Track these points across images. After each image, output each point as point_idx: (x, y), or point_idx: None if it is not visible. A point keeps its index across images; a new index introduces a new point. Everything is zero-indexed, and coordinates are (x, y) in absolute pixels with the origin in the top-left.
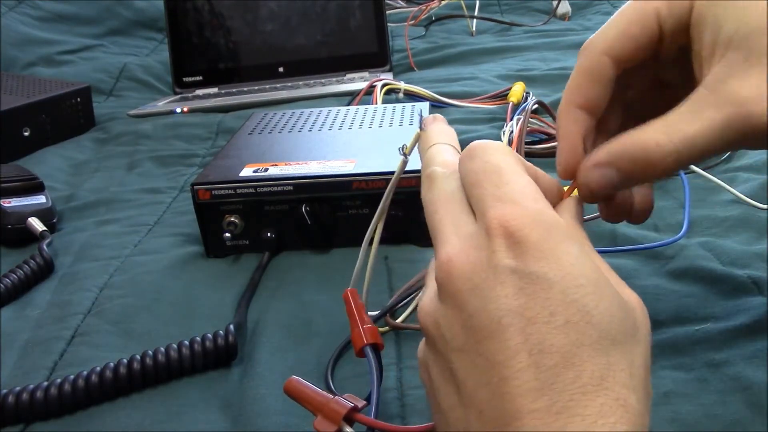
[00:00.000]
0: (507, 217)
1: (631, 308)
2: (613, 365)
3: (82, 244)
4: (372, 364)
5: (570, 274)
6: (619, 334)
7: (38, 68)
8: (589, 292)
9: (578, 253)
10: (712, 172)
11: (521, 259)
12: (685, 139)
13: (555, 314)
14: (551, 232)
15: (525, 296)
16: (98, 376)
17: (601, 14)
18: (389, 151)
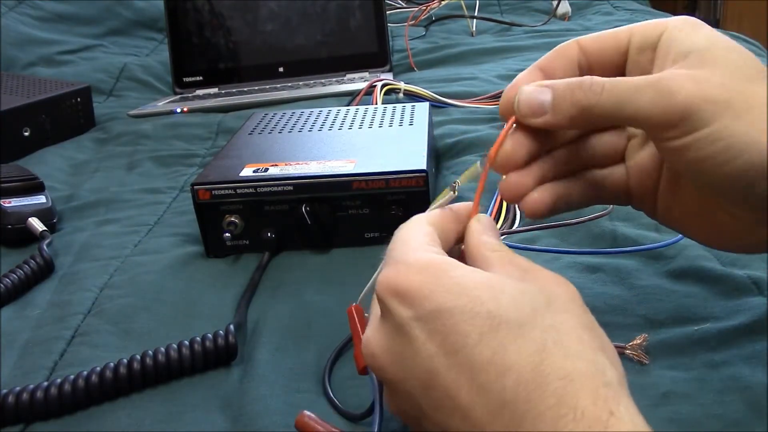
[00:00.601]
0: (389, 279)
1: (535, 287)
2: (543, 349)
3: (82, 244)
4: (375, 385)
5: (462, 294)
6: (532, 315)
7: (38, 68)
8: (487, 298)
9: (462, 272)
10: None
11: (415, 306)
12: (613, 85)
13: (468, 334)
14: (429, 270)
15: (436, 335)
16: (98, 376)
17: (601, 14)
18: (389, 151)
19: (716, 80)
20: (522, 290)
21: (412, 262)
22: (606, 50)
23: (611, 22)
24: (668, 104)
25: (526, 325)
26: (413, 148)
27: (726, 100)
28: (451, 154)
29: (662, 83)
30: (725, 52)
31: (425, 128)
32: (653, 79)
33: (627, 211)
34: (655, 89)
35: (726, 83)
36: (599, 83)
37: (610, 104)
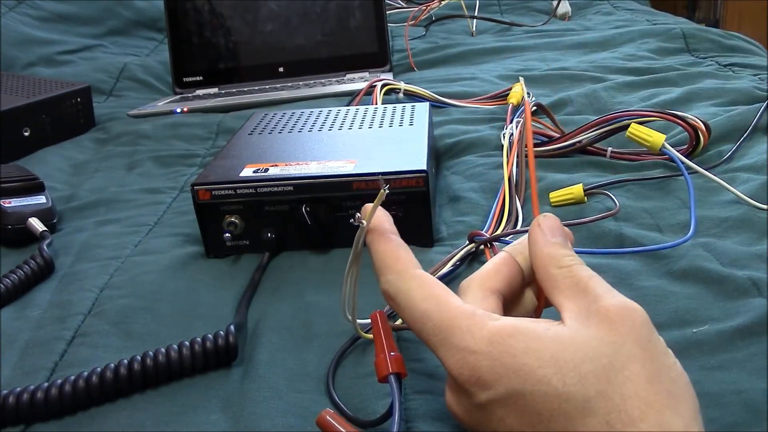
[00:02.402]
0: (462, 366)
1: (599, 340)
2: (608, 422)
3: (82, 245)
4: (395, 395)
5: (529, 376)
6: (597, 386)
7: (38, 68)
8: (552, 374)
9: (524, 346)
10: (713, 172)
11: (491, 389)
12: None
13: (540, 413)
14: (493, 351)
15: (512, 412)
16: (99, 377)
17: (602, 14)
18: (389, 151)
19: None
20: (585, 353)
21: (474, 346)
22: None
23: (611, 22)
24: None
25: (591, 399)
26: (413, 148)
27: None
28: (451, 154)
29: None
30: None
31: (425, 128)
32: None
33: (629, 211)
34: None
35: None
36: None
37: None
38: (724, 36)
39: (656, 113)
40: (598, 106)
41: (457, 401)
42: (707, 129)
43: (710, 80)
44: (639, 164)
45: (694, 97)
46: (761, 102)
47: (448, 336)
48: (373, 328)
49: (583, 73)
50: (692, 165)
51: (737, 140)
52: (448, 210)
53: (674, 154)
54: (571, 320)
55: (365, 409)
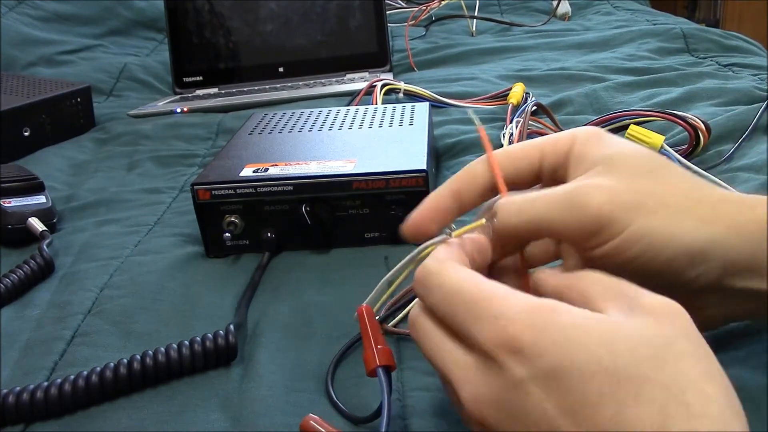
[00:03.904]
0: (498, 335)
1: (650, 328)
2: (665, 409)
3: (82, 244)
4: (383, 387)
5: (579, 351)
6: (652, 369)
7: (38, 68)
8: (604, 353)
9: (571, 321)
10: (712, 172)
11: (531, 363)
12: (531, 204)
13: (587, 395)
14: (536, 322)
15: (554, 393)
16: (98, 376)
17: (601, 14)
18: (389, 151)
19: (623, 185)
20: (638, 338)
21: (513, 315)
22: (520, 171)
23: (611, 22)
24: (583, 216)
25: (647, 383)
26: (413, 148)
27: (635, 201)
28: (451, 154)
29: (574, 198)
30: (626, 157)
31: (425, 128)
32: (565, 194)
33: None
34: (570, 204)
35: (632, 186)
36: (516, 205)
37: (529, 221)
38: (724, 36)
39: (656, 113)
40: (598, 106)
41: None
42: (707, 129)
43: (710, 80)
44: None
45: (694, 97)
46: (761, 102)
47: (484, 306)
48: (360, 323)
49: (583, 73)
50: (691, 166)
51: (737, 140)
52: None
53: (673, 155)
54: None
55: (364, 408)
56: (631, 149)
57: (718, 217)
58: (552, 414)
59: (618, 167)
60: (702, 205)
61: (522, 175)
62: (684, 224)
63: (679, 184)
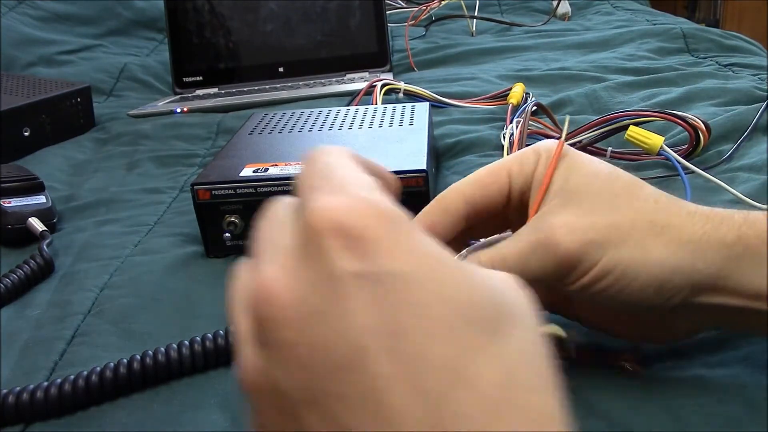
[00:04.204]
0: (336, 210)
1: (513, 289)
2: (511, 368)
3: (82, 244)
4: None
5: (438, 267)
6: (511, 323)
7: (38, 68)
8: (462, 283)
9: (434, 243)
10: (712, 172)
11: (366, 259)
12: (501, 258)
13: (431, 321)
14: (396, 221)
15: (382, 306)
16: (98, 376)
17: (601, 14)
18: (389, 151)
19: (585, 221)
20: (505, 288)
21: (371, 201)
22: (489, 196)
23: (611, 22)
24: (553, 260)
25: (504, 337)
26: (413, 148)
27: (600, 237)
28: (451, 154)
29: (540, 244)
30: (587, 185)
31: (425, 128)
32: (530, 243)
33: None
34: (540, 250)
35: (595, 220)
36: (488, 261)
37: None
38: (724, 36)
39: (656, 113)
40: (598, 106)
41: (293, 276)
42: (707, 129)
43: (710, 80)
44: (638, 164)
45: (694, 97)
46: (761, 102)
47: (336, 178)
48: None
49: (583, 73)
50: (690, 166)
51: (737, 140)
52: None
53: (673, 156)
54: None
55: None
56: (590, 174)
57: (683, 242)
58: (372, 328)
59: (579, 199)
60: (667, 230)
61: (494, 201)
62: (650, 253)
63: (642, 209)
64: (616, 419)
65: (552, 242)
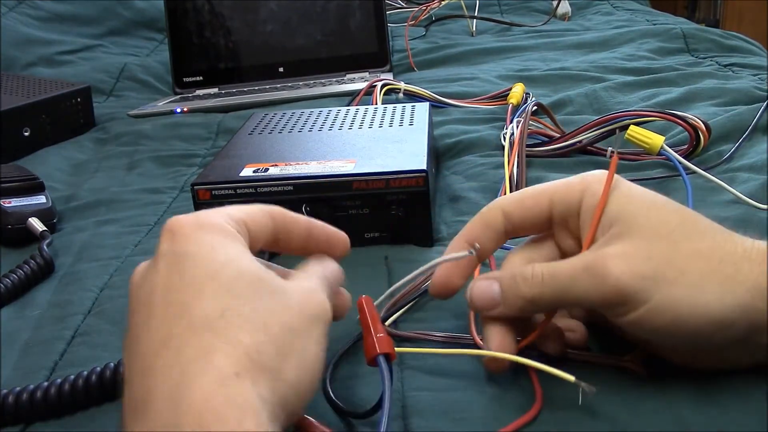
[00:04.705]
0: (171, 221)
1: (273, 281)
2: (228, 310)
3: (82, 245)
4: (384, 374)
5: (210, 254)
6: (246, 290)
7: (38, 68)
8: (222, 266)
9: (220, 243)
10: (712, 172)
11: (171, 242)
12: (551, 274)
13: (185, 283)
14: (202, 225)
15: (171, 271)
16: (98, 377)
17: (601, 14)
18: (389, 151)
19: (640, 253)
20: (254, 273)
21: (195, 215)
22: (529, 218)
23: (611, 22)
24: (604, 288)
25: (229, 296)
26: (413, 148)
27: (653, 272)
28: (451, 154)
29: (595, 269)
30: (646, 212)
31: (425, 128)
32: (586, 266)
33: None
34: (591, 276)
35: (650, 253)
36: (539, 274)
37: (552, 293)
38: (724, 36)
39: (656, 113)
40: (598, 106)
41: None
42: (707, 129)
43: (710, 80)
44: (639, 164)
45: (694, 97)
46: (761, 102)
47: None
48: (360, 313)
49: (583, 73)
50: (691, 166)
51: (737, 140)
52: (448, 210)
53: (673, 156)
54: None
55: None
56: (647, 205)
57: (740, 281)
58: (157, 284)
59: (634, 230)
60: (723, 267)
61: (533, 223)
62: (706, 293)
63: (699, 243)
64: (617, 420)
65: (603, 270)
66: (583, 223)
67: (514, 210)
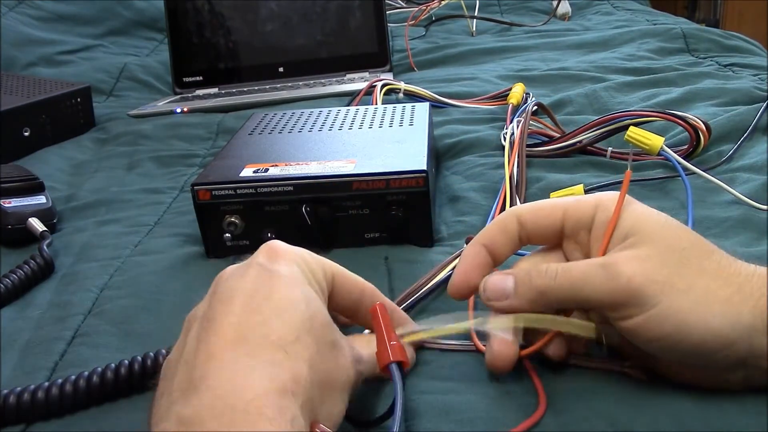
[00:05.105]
0: (274, 242)
1: (336, 335)
2: (298, 341)
3: (82, 245)
4: (397, 382)
5: (297, 276)
6: (318, 331)
7: (38, 68)
8: (302, 301)
9: (305, 280)
10: (712, 173)
11: (268, 258)
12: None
13: (270, 298)
14: (301, 257)
15: (259, 282)
16: (99, 377)
17: (601, 14)
18: (389, 151)
19: (655, 261)
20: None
21: (294, 248)
22: (542, 227)
23: (611, 22)
24: (615, 286)
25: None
26: (413, 148)
27: (665, 279)
28: (451, 154)
29: (609, 267)
30: (660, 229)
31: (425, 128)
32: (601, 263)
33: None
34: (604, 273)
35: (664, 262)
36: (553, 269)
37: (565, 288)
38: (724, 36)
39: (656, 113)
40: (598, 106)
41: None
42: (707, 129)
43: (710, 80)
44: (639, 164)
45: (694, 97)
46: (761, 102)
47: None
48: (373, 320)
49: (583, 73)
50: (690, 166)
51: (737, 140)
52: (448, 210)
53: (673, 156)
54: None
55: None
56: (660, 223)
57: (744, 300)
58: (243, 288)
59: (650, 241)
60: (729, 286)
61: (545, 233)
62: (712, 308)
63: (707, 263)
64: (617, 420)
65: (617, 269)
66: (594, 237)
67: (528, 218)
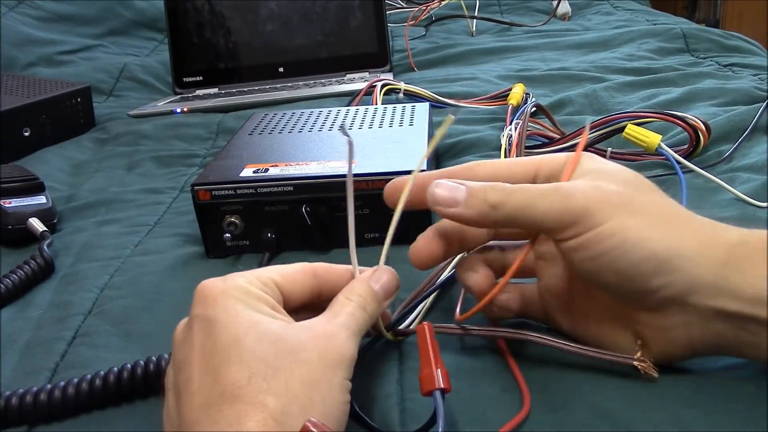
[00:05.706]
0: (201, 286)
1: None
2: (253, 376)
3: (82, 245)
4: (440, 411)
5: (234, 310)
6: (268, 354)
7: (38, 68)
8: (246, 331)
9: (243, 308)
10: (712, 172)
11: (202, 306)
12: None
13: (215, 350)
14: (225, 291)
15: (203, 336)
16: (102, 381)
17: (601, 14)
18: (389, 151)
19: (613, 188)
20: (273, 339)
21: (222, 281)
22: (515, 175)
23: (611, 22)
24: (567, 205)
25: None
26: (413, 148)
27: (621, 202)
28: (451, 154)
29: (563, 188)
30: (618, 170)
31: (425, 128)
32: (556, 186)
33: None
34: (557, 193)
35: (622, 191)
36: (509, 186)
37: (516, 204)
38: (724, 36)
39: (656, 114)
40: (598, 106)
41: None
42: (707, 129)
43: (710, 80)
44: (639, 164)
45: (694, 97)
46: (761, 102)
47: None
48: (420, 340)
49: (583, 73)
50: (688, 164)
51: (737, 140)
52: None
53: (670, 153)
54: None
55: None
56: (622, 168)
57: (689, 233)
58: (194, 347)
59: (608, 177)
60: (677, 219)
61: (516, 180)
62: (657, 231)
63: (659, 199)
64: (617, 420)
65: (572, 191)
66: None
67: (500, 164)
